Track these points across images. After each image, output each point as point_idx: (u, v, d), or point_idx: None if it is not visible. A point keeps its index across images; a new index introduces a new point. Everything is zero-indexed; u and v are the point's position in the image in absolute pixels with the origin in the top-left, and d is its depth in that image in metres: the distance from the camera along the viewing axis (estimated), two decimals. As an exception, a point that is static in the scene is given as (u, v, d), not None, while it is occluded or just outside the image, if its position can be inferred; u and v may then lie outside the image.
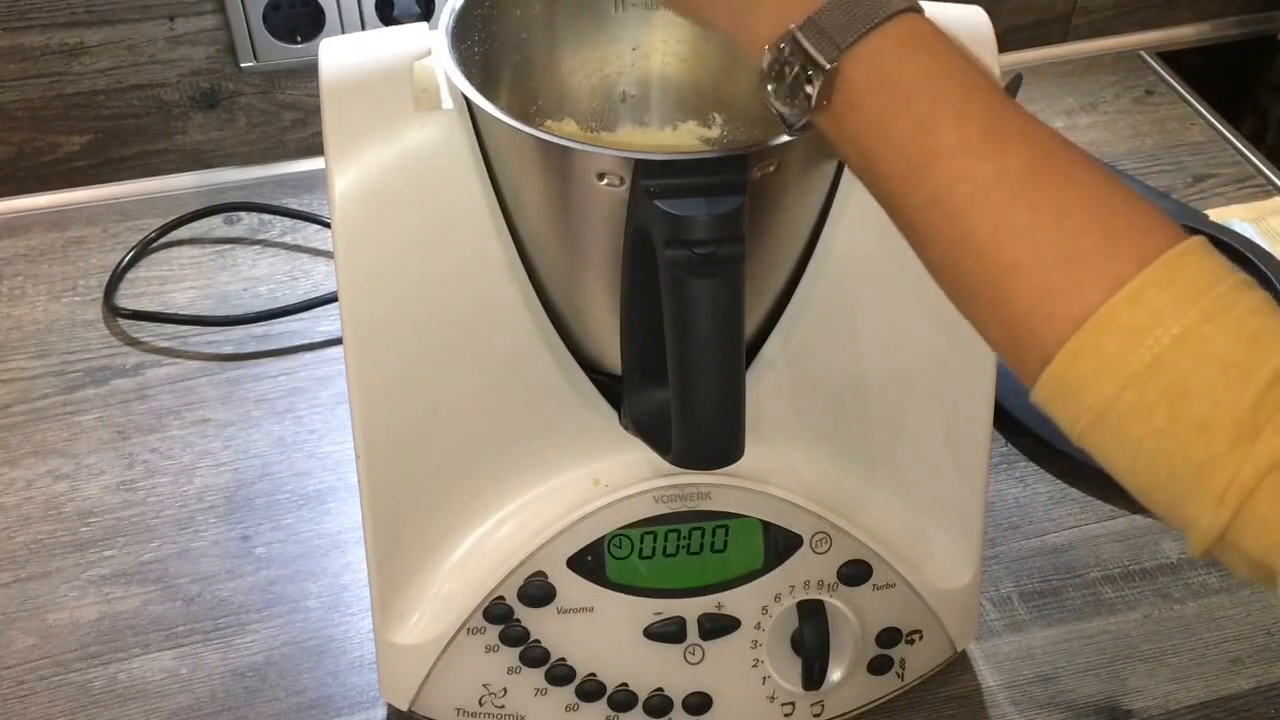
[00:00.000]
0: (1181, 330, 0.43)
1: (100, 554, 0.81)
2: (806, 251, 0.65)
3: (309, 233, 1.02)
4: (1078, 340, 0.44)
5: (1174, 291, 0.43)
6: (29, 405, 0.89)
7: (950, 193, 0.46)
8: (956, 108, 0.46)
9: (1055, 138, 0.47)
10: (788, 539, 0.67)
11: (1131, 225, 0.45)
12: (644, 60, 0.69)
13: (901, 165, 0.47)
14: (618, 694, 0.69)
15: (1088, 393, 0.44)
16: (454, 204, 0.61)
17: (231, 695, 0.74)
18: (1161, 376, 0.43)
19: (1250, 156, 1.11)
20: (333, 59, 0.62)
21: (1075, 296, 0.44)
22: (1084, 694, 0.75)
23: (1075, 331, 0.44)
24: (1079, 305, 0.44)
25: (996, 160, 0.46)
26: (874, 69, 0.47)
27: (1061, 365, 0.44)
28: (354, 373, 0.63)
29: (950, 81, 0.47)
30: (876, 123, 0.47)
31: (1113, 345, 0.43)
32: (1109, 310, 0.43)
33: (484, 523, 0.67)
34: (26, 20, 0.98)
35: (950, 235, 0.46)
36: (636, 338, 0.60)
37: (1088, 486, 0.85)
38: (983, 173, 0.45)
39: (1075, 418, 0.45)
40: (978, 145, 0.46)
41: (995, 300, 0.46)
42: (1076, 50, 1.22)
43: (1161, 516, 0.46)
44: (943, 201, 0.46)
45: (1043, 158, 0.46)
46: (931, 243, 0.48)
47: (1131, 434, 0.44)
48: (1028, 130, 0.47)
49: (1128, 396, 0.43)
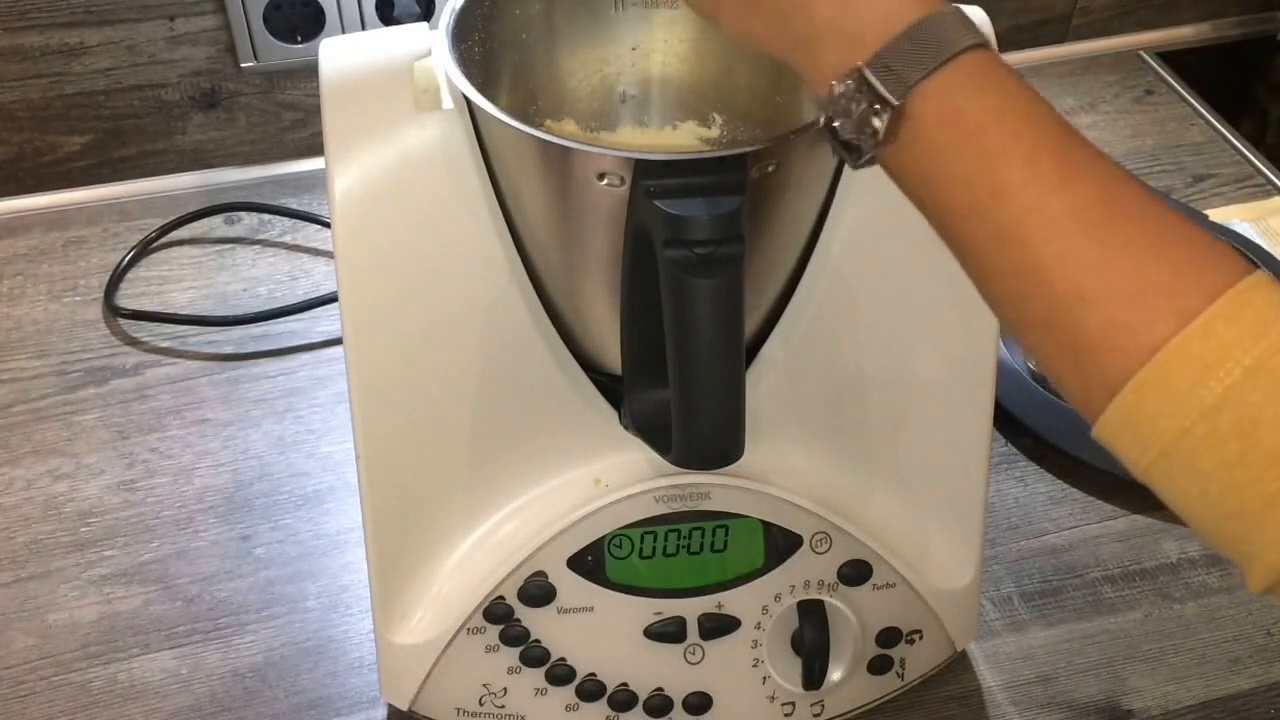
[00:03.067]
0: (1252, 362, 0.43)
1: (100, 554, 0.81)
2: (806, 251, 0.65)
3: (309, 233, 1.02)
4: (1147, 373, 0.44)
5: (1243, 325, 0.43)
6: (29, 405, 0.89)
7: (1019, 225, 0.46)
8: (1027, 141, 0.46)
9: (1122, 173, 0.47)
10: (788, 539, 0.67)
11: (1198, 259, 0.45)
12: (644, 60, 0.69)
13: (967, 198, 0.47)
14: (618, 694, 0.69)
15: (1156, 426, 0.44)
16: (454, 204, 0.61)
17: (231, 695, 0.74)
18: (1233, 409, 0.43)
19: (1250, 156, 1.11)
20: (333, 59, 0.62)
21: (1144, 329, 0.44)
22: (1084, 694, 0.75)
23: (1144, 364, 0.44)
24: (1148, 338, 0.44)
25: (1067, 194, 0.46)
26: (943, 104, 0.47)
27: (1130, 398, 0.44)
28: (354, 373, 0.63)
29: (1019, 116, 0.47)
30: (944, 156, 0.47)
31: (1183, 378, 0.43)
32: (1180, 343, 0.43)
33: (484, 523, 0.67)
34: (26, 20, 0.98)
35: (1018, 268, 0.46)
36: (636, 338, 0.60)
37: (1088, 486, 0.85)
38: (1053, 206, 0.45)
39: (1142, 451, 0.45)
40: (1048, 179, 0.46)
41: (1063, 332, 0.46)
42: (1076, 50, 1.23)
43: (1222, 551, 0.46)
44: (1011, 234, 0.46)
45: (1112, 193, 0.46)
46: (997, 276, 0.48)
47: (1201, 467, 0.44)
48: (1096, 165, 0.47)
49: (1199, 430, 0.43)
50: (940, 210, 0.49)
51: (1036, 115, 0.47)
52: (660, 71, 0.69)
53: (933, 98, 0.47)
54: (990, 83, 0.47)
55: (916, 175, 0.49)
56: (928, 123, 0.47)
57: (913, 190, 0.49)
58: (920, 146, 0.48)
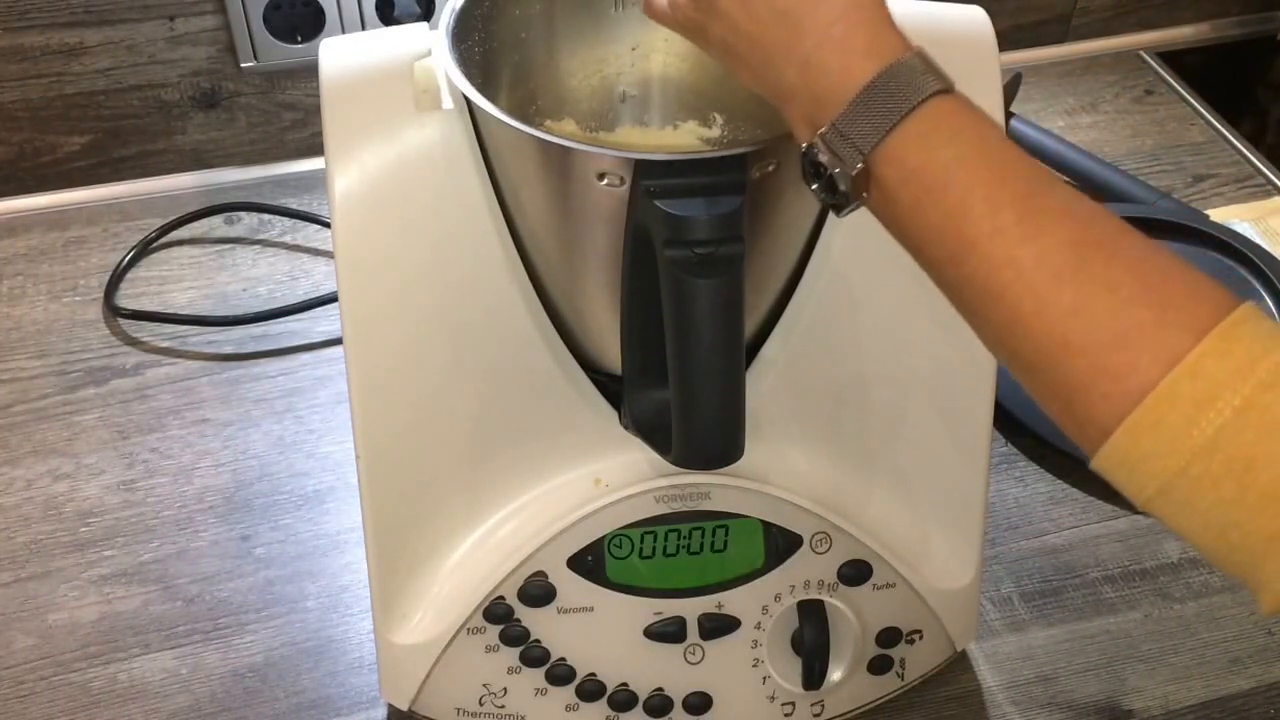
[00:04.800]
0: (1242, 401, 0.42)
1: (100, 554, 0.81)
2: (806, 251, 0.65)
3: (309, 233, 1.02)
4: (1138, 415, 0.44)
5: (1231, 362, 0.43)
6: (29, 405, 0.89)
7: (993, 278, 0.46)
8: (988, 194, 0.46)
9: (1096, 210, 0.47)
10: (788, 539, 0.67)
11: (1182, 294, 0.45)
12: (644, 60, 0.69)
13: (942, 253, 0.47)
14: (618, 694, 0.69)
15: (1152, 465, 0.44)
16: (454, 204, 0.61)
17: (231, 695, 0.74)
18: (1226, 449, 0.43)
19: (1250, 156, 1.11)
20: (333, 59, 0.62)
21: (1131, 374, 0.44)
22: (1084, 694, 0.75)
23: (1134, 407, 0.44)
24: (1135, 382, 0.44)
25: (1035, 243, 0.45)
26: (901, 166, 0.47)
27: (1122, 440, 0.44)
28: (354, 373, 0.63)
29: (980, 167, 0.47)
30: (912, 214, 0.48)
31: (1174, 420, 0.43)
32: (1169, 385, 0.43)
33: (484, 523, 0.67)
34: (26, 20, 0.98)
35: (999, 319, 0.46)
36: (636, 338, 0.60)
37: (1088, 486, 0.85)
38: (1022, 256, 0.45)
39: (1140, 487, 0.45)
40: (1013, 230, 0.46)
41: (1051, 377, 0.46)
42: (1076, 50, 1.23)
43: (1233, 576, 0.46)
44: (987, 287, 0.46)
45: (1084, 234, 0.46)
46: (983, 324, 0.48)
47: (1199, 505, 0.44)
48: (1067, 207, 0.47)
49: (1193, 470, 0.43)
50: (924, 263, 0.49)
51: (999, 164, 0.47)
52: (660, 71, 0.69)
53: (892, 161, 0.47)
54: (949, 135, 0.47)
55: (896, 230, 0.49)
56: (891, 183, 0.48)
57: (900, 242, 0.50)
58: (891, 207, 0.48)
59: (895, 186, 0.48)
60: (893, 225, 0.49)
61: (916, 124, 0.47)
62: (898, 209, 0.48)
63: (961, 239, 0.46)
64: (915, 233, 0.48)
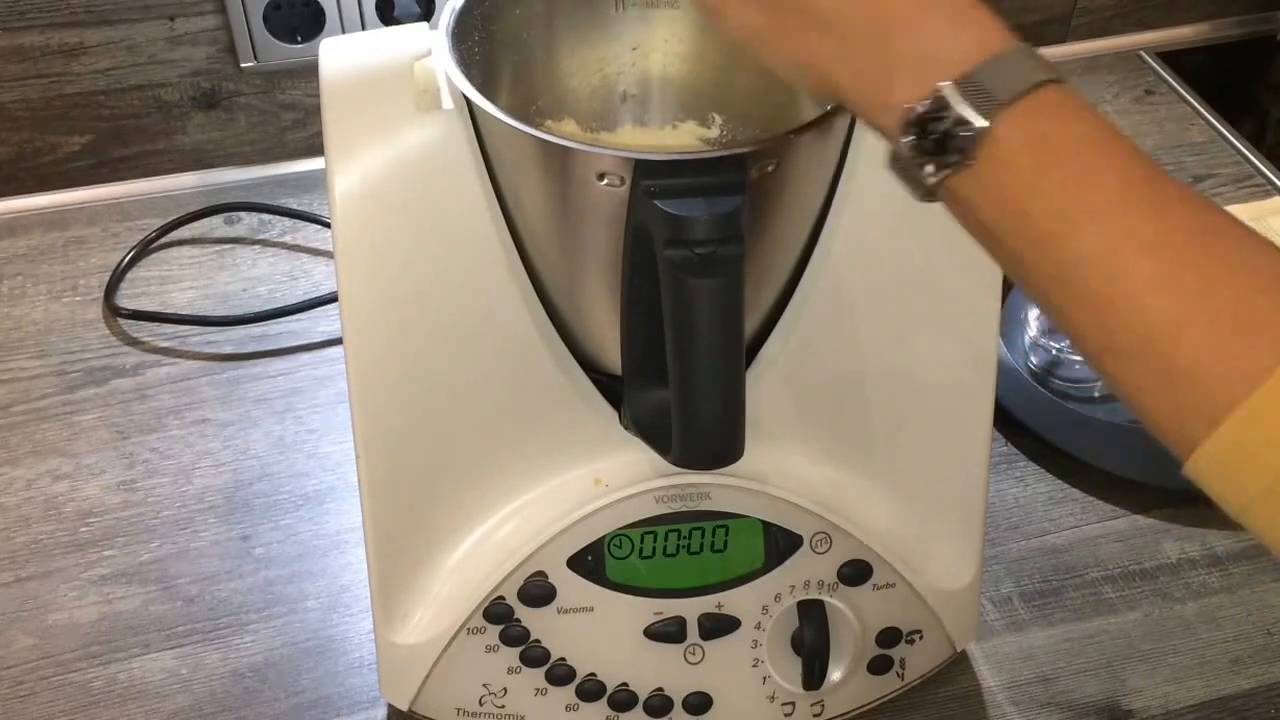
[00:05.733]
0: None
1: (100, 554, 0.81)
2: (806, 251, 0.65)
3: (309, 233, 1.02)
4: (1253, 404, 0.42)
5: None
6: (29, 405, 0.89)
7: (1112, 250, 0.45)
8: (1117, 166, 0.46)
9: (1213, 204, 0.46)
10: (788, 539, 0.67)
11: None
12: (644, 60, 0.69)
13: (1050, 224, 0.46)
14: (618, 694, 0.69)
15: (1261, 461, 0.42)
16: (454, 204, 0.61)
17: (231, 695, 0.74)
18: None
19: (1250, 156, 1.11)
20: (333, 59, 0.62)
21: (1248, 356, 0.42)
22: (1084, 694, 0.75)
23: (1250, 391, 0.42)
24: (1253, 364, 0.42)
25: (1160, 219, 0.44)
26: (1031, 127, 0.46)
27: (1233, 431, 0.42)
28: (354, 373, 0.63)
29: (1106, 144, 0.46)
30: (1030, 180, 0.46)
31: None
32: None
33: (484, 523, 0.67)
34: (26, 20, 0.98)
35: (1108, 294, 0.45)
36: (636, 338, 0.60)
37: (1088, 486, 0.85)
38: (1147, 230, 0.44)
39: (1243, 487, 0.43)
40: (1142, 203, 0.45)
41: (1157, 360, 0.44)
42: (1076, 50, 1.22)
43: None
44: (1101, 259, 0.45)
45: (1206, 222, 0.45)
46: (1083, 304, 0.46)
47: None
48: (1185, 195, 0.46)
49: None
50: (1019, 239, 0.47)
51: (1123, 145, 0.46)
52: (660, 71, 0.69)
53: (1021, 121, 0.46)
54: (1075, 113, 0.47)
55: (995, 202, 0.47)
56: (1014, 147, 0.46)
57: (986, 220, 0.48)
58: (1003, 173, 0.46)
59: (1017, 151, 0.46)
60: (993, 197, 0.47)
61: (1047, 95, 0.46)
62: (1010, 176, 0.46)
63: (1083, 208, 0.45)
64: (1023, 204, 0.46)
